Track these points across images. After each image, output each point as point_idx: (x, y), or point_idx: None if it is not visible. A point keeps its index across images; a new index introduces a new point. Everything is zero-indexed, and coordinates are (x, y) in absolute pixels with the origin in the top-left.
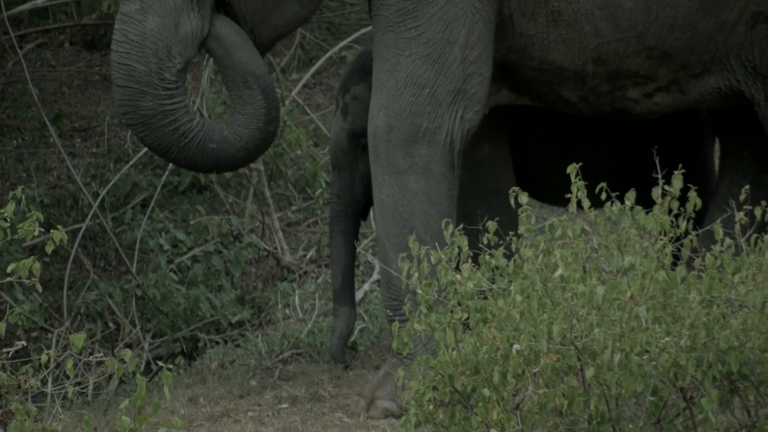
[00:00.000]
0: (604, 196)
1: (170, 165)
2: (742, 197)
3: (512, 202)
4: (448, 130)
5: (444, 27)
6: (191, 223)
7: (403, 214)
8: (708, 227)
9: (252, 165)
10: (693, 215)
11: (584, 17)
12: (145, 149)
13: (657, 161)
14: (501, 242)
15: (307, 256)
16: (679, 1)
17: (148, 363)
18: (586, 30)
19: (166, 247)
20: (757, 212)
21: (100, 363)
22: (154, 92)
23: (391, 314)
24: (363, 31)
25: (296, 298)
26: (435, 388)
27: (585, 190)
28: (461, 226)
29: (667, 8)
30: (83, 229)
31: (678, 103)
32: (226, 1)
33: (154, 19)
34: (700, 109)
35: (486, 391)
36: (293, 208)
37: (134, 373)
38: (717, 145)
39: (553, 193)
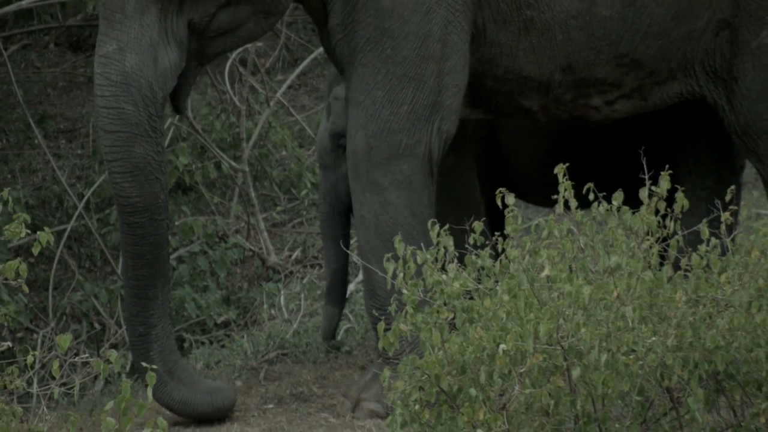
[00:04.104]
0: (591, 196)
1: None
2: (728, 197)
3: (499, 203)
4: (427, 143)
5: (419, 44)
6: (177, 223)
7: (386, 228)
8: (695, 228)
9: (237, 166)
10: (680, 216)
11: (557, 26)
12: None
13: (644, 162)
14: (487, 242)
15: (293, 257)
16: (655, 9)
17: (133, 364)
18: (559, 38)
19: None
20: (743, 212)
21: (85, 363)
22: (145, 135)
23: (376, 314)
24: None
25: (282, 298)
26: (421, 388)
27: (572, 191)
28: (447, 226)
29: (643, 16)
30: (68, 230)
31: (637, 110)
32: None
33: (133, 56)
34: None
35: (472, 391)
36: (278, 208)
37: (120, 374)
38: None
39: (540, 194)
